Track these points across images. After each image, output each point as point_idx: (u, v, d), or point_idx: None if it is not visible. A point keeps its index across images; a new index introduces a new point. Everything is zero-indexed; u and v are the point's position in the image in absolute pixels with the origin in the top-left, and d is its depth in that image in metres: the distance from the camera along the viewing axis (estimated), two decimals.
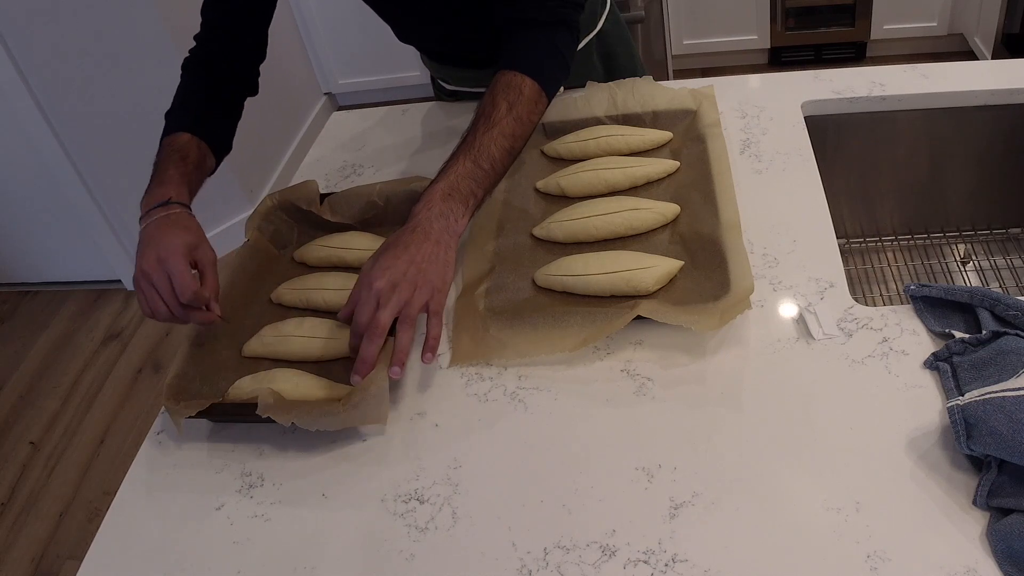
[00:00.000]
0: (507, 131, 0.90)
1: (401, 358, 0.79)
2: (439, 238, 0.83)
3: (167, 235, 0.87)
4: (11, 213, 2.50)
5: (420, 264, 0.80)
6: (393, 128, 1.32)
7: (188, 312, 0.86)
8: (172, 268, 0.84)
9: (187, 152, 0.98)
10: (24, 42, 2.08)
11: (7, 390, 2.34)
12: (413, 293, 0.80)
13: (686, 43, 2.98)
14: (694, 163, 1.03)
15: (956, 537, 0.63)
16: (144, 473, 0.84)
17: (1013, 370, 0.68)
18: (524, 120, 0.92)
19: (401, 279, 0.79)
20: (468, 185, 0.87)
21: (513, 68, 0.94)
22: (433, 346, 0.81)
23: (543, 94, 0.95)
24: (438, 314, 0.82)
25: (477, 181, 0.88)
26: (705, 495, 0.70)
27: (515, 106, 0.91)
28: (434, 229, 0.83)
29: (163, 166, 0.96)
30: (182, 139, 0.99)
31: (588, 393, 0.81)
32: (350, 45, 3.10)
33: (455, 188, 0.86)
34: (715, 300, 0.82)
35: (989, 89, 1.12)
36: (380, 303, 0.79)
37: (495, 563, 0.68)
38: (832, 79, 1.19)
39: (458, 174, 0.87)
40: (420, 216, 0.84)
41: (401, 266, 0.80)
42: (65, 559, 1.84)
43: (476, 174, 0.88)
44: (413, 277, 0.80)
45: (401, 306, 0.79)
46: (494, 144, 0.89)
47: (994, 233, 1.27)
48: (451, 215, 0.85)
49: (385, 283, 0.79)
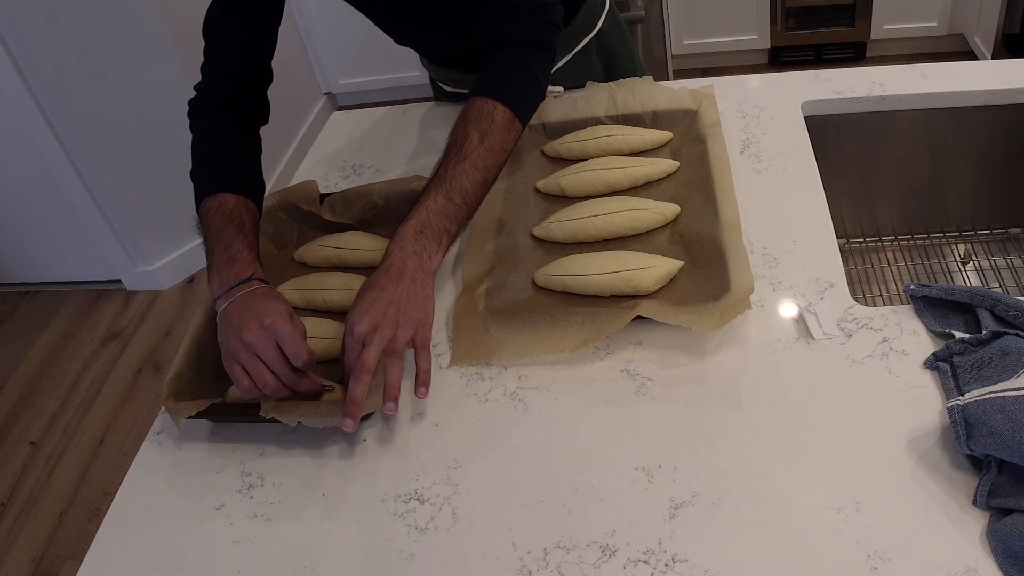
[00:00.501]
0: (479, 163, 0.89)
1: (393, 393, 0.77)
2: (414, 275, 0.83)
3: (266, 303, 0.82)
4: (11, 213, 2.50)
5: (399, 303, 0.80)
6: (393, 128, 1.32)
7: (300, 380, 0.80)
8: (281, 333, 0.78)
9: (242, 220, 0.94)
10: (24, 42, 2.08)
11: (7, 390, 2.34)
12: (396, 331, 0.79)
13: (686, 43, 2.98)
14: (694, 163, 1.03)
15: (956, 537, 0.63)
16: (144, 473, 0.84)
17: (1013, 370, 0.68)
18: (496, 149, 0.91)
19: (382, 319, 0.79)
20: (440, 221, 0.86)
21: (485, 94, 0.93)
22: (425, 380, 0.80)
23: (516, 120, 0.93)
24: (425, 347, 0.81)
25: (449, 217, 0.87)
26: (705, 495, 0.70)
27: (487, 136, 0.90)
28: (408, 267, 0.83)
29: (226, 240, 0.90)
30: (228, 203, 0.94)
31: (588, 393, 0.81)
32: (350, 45, 3.10)
33: (427, 225, 0.86)
34: (715, 300, 0.82)
35: (989, 89, 1.12)
36: (364, 344, 0.78)
37: (495, 563, 0.68)
38: (832, 79, 1.19)
39: (429, 210, 0.86)
40: (393, 256, 0.84)
41: (380, 307, 0.80)
42: (65, 559, 1.84)
43: (448, 209, 0.87)
44: (394, 316, 0.80)
45: (386, 343, 0.79)
46: (466, 177, 0.88)
47: (994, 233, 1.27)
48: (424, 252, 0.84)
49: (366, 326, 0.79)
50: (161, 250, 2.54)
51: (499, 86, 0.94)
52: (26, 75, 2.12)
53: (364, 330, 0.79)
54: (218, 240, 0.91)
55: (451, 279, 0.99)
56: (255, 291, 0.85)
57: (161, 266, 2.56)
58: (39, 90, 2.15)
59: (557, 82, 1.23)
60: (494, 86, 0.94)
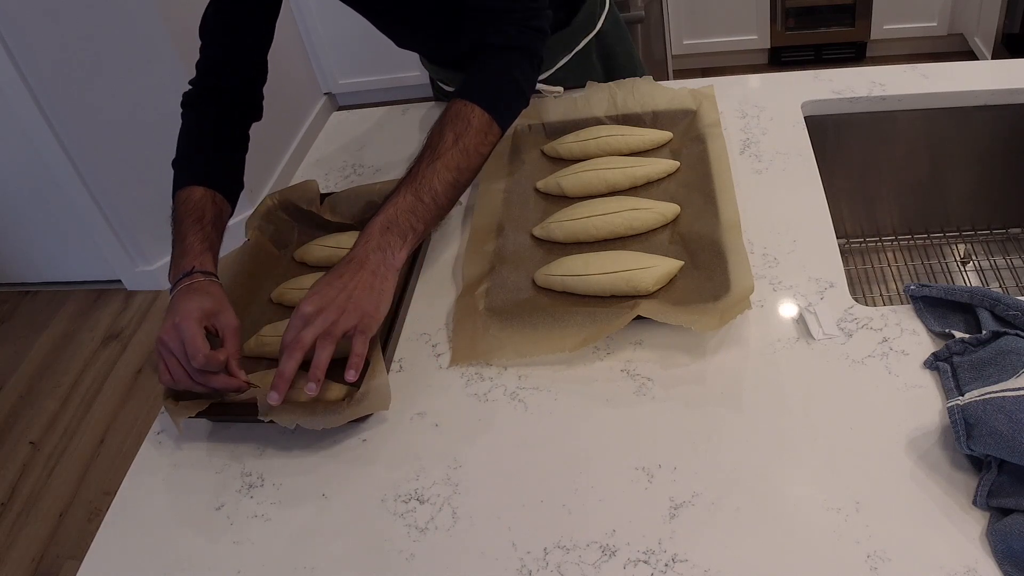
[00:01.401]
0: (451, 164, 0.89)
1: (316, 375, 0.78)
2: (375, 269, 0.83)
3: (184, 303, 0.85)
4: (11, 213, 2.50)
5: (351, 291, 0.81)
6: (393, 128, 1.32)
7: (207, 377, 0.82)
8: (184, 332, 0.82)
9: (203, 212, 0.96)
10: (24, 42, 2.08)
11: (7, 390, 2.34)
12: (340, 316, 0.80)
13: (686, 43, 2.98)
14: (694, 163, 1.03)
15: (956, 537, 0.63)
16: (144, 473, 0.84)
17: (1013, 370, 0.68)
18: (471, 152, 0.91)
19: (329, 304, 0.80)
20: (408, 219, 0.86)
21: (464, 97, 0.93)
22: (356, 364, 0.79)
23: (494, 124, 0.93)
24: (364, 333, 0.81)
25: (417, 215, 0.87)
26: (705, 495, 0.70)
27: (462, 137, 0.90)
28: (370, 261, 0.83)
29: (182, 233, 0.94)
30: (195, 195, 0.97)
31: (588, 393, 0.81)
32: (350, 45, 3.10)
33: (394, 222, 0.86)
34: (715, 300, 0.82)
35: (989, 89, 1.12)
36: (305, 324, 0.79)
37: (495, 563, 0.68)
38: (832, 79, 1.19)
39: (398, 208, 0.87)
40: (358, 249, 0.84)
41: (331, 292, 0.81)
42: (65, 559, 1.84)
43: (417, 208, 0.87)
44: (342, 303, 0.80)
45: (327, 326, 0.79)
46: (437, 177, 0.89)
47: (994, 233, 1.27)
48: (389, 248, 0.85)
49: (312, 307, 0.80)
50: (161, 250, 2.54)
51: (479, 90, 0.94)
52: (26, 75, 2.12)
53: (309, 311, 0.80)
54: (177, 232, 0.95)
55: (451, 279, 0.99)
56: (191, 285, 0.88)
57: (161, 266, 2.55)
58: (39, 90, 2.15)
59: (557, 82, 1.23)
60: (474, 89, 0.94)
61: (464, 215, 1.09)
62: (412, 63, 3.05)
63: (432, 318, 0.93)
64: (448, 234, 1.06)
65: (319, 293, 0.81)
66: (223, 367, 0.83)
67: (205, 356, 0.81)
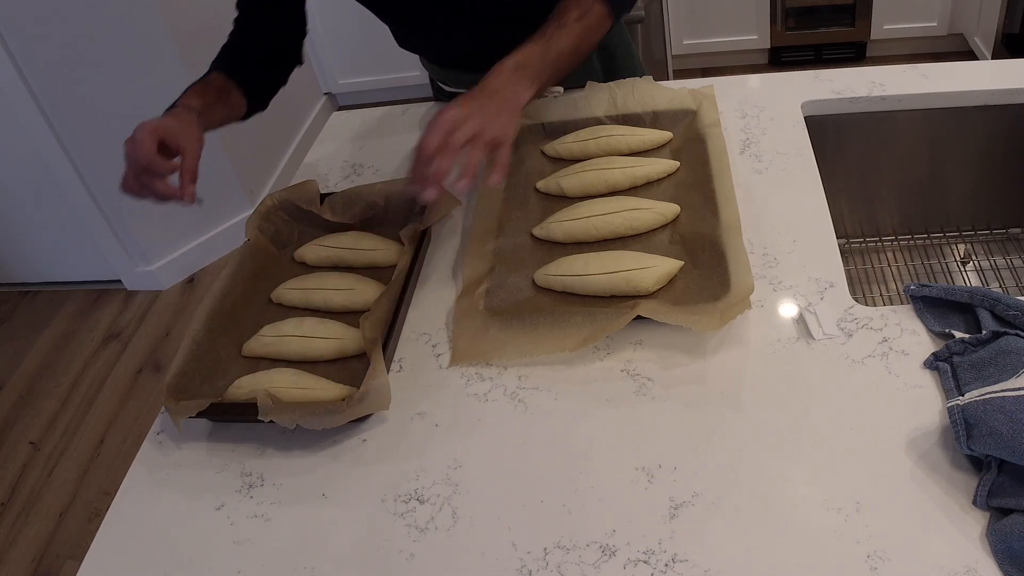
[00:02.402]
0: (574, 32, 0.94)
1: (471, 171, 0.82)
2: (506, 98, 0.87)
3: (149, 121, 0.89)
4: (11, 213, 2.50)
5: (489, 108, 0.85)
6: (393, 128, 1.33)
7: (151, 181, 0.85)
8: (135, 138, 0.86)
9: (210, 81, 1.01)
10: (24, 42, 2.08)
11: (7, 390, 2.34)
12: (484, 125, 0.83)
13: (686, 43, 2.98)
14: (694, 163, 1.03)
15: (956, 537, 0.63)
16: (144, 473, 0.84)
17: (1013, 370, 0.68)
18: (591, 30, 0.96)
19: (476, 111, 0.84)
20: (537, 65, 0.91)
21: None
22: (501, 170, 0.84)
23: (611, 16, 0.98)
24: (505, 144, 0.85)
25: (544, 65, 0.92)
26: (705, 495, 0.70)
27: (585, 16, 0.96)
28: (501, 92, 0.87)
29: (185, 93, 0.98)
30: (210, 76, 1.02)
31: (588, 393, 0.81)
32: (350, 45, 3.10)
33: (524, 65, 0.90)
34: (715, 300, 0.82)
35: (989, 89, 1.12)
36: (453, 128, 0.82)
37: (495, 563, 0.68)
38: (832, 79, 1.19)
39: (527, 54, 0.91)
40: (490, 80, 0.88)
41: (470, 107, 0.84)
42: (65, 559, 1.84)
43: (545, 58, 0.92)
44: (481, 117, 0.83)
45: (475, 131, 0.82)
46: (563, 40, 0.93)
47: (994, 233, 1.27)
48: (519, 84, 0.89)
49: (456, 113, 0.82)
50: (161, 250, 2.54)
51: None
52: (26, 74, 2.12)
53: (455, 115, 0.82)
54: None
55: (451, 279, 0.99)
56: (166, 111, 0.93)
57: (161, 266, 2.56)
58: (39, 89, 2.15)
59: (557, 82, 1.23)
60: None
61: (464, 215, 1.09)
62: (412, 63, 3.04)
63: (432, 318, 0.93)
64: (448, 234, 1.06)
65: (458, 107, 0.83)
66: (168, 172, 0.85)
67: (148, 157, 0.84)
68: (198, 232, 2.58)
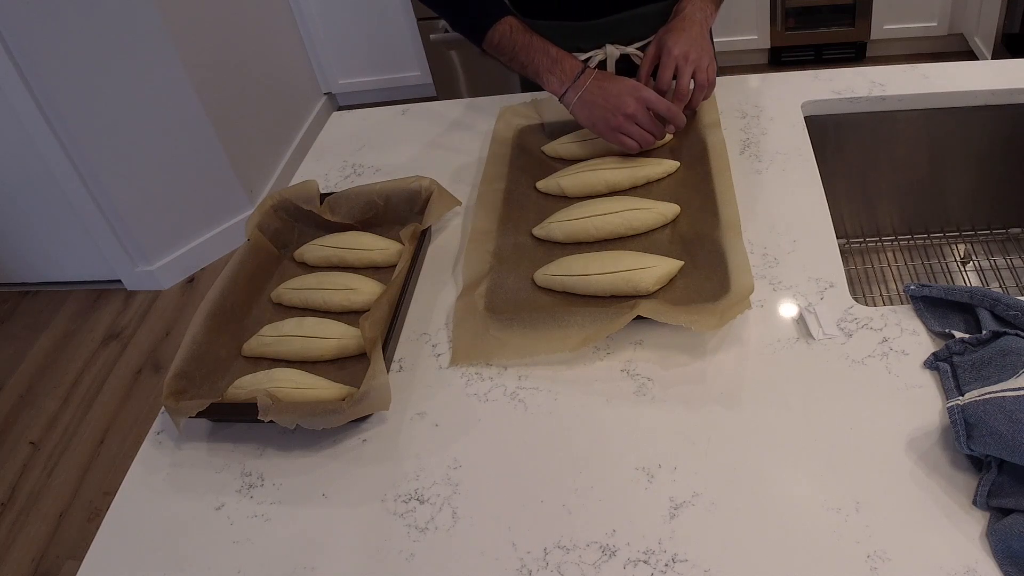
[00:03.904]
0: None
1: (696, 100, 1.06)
2: (702, 24, 1.07)
3: (619, 82, 1.02)
4: (11, 213, 2.50)
5: (699, 41, 1.04)
6: (393, 128, 1.33)
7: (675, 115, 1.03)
8: (651, 99, 1.01)
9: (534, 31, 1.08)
10: (24, 42, 2.08)
11: (7, 390, 2.34)
12: (701, 58, 1.03)
13: None
14: (694, 163, 1.03)
15: (956, 537, 0.63)
16: (144, 473, 0.84)
17: (1013, 370, 0.68)
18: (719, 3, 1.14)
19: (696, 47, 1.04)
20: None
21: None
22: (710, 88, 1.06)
23: None
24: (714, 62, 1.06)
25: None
26: (705, 495, 0.70)
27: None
28: (697, 19, 1.06)
29: (540, 48, 1.05)
30: (516, 23, 1.08)
31: (588, 393, 0.81)
32: (350, 45, 3.10)
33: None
34: (715, 300, 0.82)
35: (989, 89, 1.12)
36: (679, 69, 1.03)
37: (495, 563, 0.68)
38: (832, 79, 1.19)
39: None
40: (687, 10, 1.08)
41: (691, 37, 1.04)
42: (65, 559, 1.84)
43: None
44: (700, 48, 1.04)
45: (695, 65, 1.03)
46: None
47: (994, 233, 1.27)
48: (707, 9, 1.09)
49: (683, 48, 1.03)
50: (161, 250, 2.54)
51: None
52: (26, 75, 2.12)
53: (683, 50, 1.02)
54: (532, 50, 1.06)
55: (451, 279, 0.99)
56: (599, 74, 1.04)
57: (161, 266, 2.56)
58: (39, 90, 2.15)
59: None
60: None
61: (464, 215, 1.09)
62: (412, 63, 3.06)
63: (432, 318, 0.93)
64: (448, 234, 1.06)
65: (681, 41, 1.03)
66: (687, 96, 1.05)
67: (668, 106, 1.02)
68: (198, 232, 2.58)
